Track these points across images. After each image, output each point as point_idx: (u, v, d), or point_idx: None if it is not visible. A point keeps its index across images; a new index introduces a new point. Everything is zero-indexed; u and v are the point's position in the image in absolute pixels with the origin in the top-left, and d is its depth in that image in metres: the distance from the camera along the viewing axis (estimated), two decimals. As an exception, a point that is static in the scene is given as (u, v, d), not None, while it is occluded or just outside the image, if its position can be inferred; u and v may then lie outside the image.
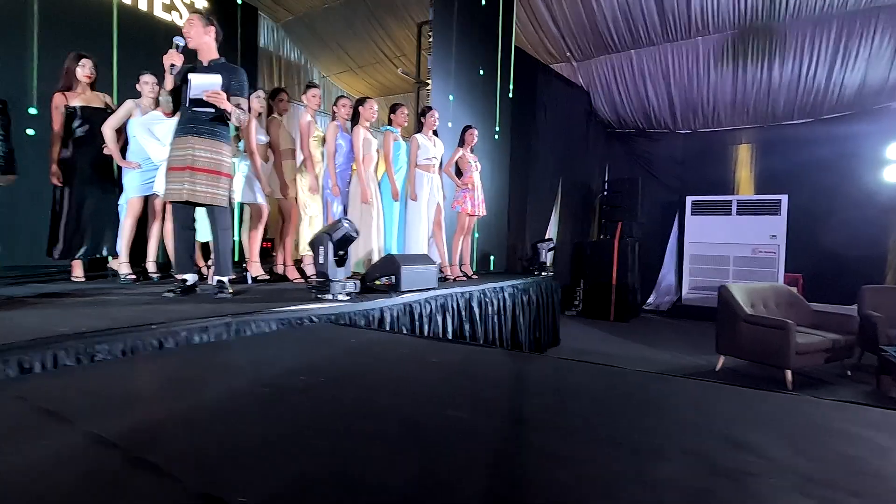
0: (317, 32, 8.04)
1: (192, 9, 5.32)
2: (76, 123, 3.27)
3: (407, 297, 3.11)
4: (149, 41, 4.92)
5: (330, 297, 2.64)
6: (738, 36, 6.58)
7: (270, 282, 3.58)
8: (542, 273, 5.44)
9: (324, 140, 3.87)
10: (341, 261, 2.71)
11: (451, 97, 4.91)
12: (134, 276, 3.37)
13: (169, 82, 2.61)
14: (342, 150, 3.89)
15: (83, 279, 3.30)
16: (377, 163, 4.03)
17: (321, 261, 2.64)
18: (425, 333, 3.21)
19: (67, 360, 1.54)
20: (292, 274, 3.75)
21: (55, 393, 1.31)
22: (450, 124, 4.83)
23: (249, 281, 3.48)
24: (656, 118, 8.28)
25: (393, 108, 4.22)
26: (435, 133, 4.39)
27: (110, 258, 3.61)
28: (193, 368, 1.60)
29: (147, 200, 3.50)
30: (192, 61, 2.72)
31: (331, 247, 2.63)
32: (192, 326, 1.92)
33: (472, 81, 5.22)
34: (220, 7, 5.64)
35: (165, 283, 3.31)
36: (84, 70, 3.28)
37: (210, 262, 3.35)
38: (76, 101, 3.26)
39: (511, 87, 5.79)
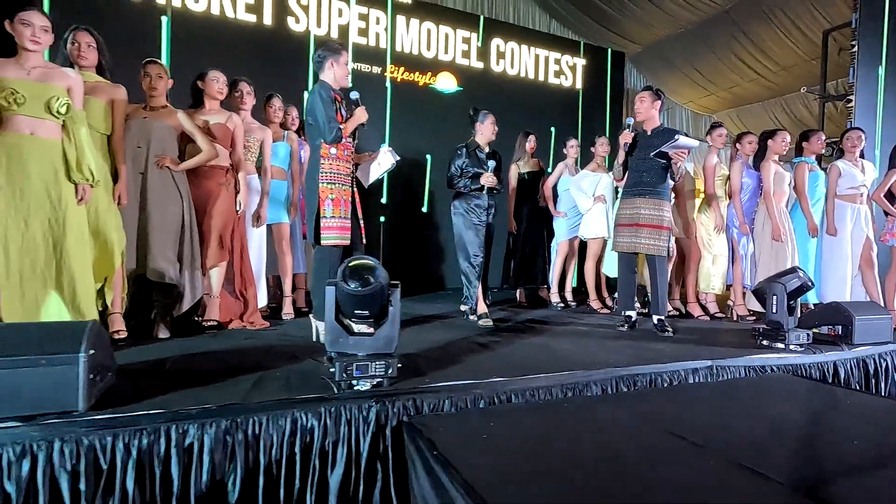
0: (666, 58, 8.08)
1: (640, 89, 6.20)
2: (524, 185, 4.29)
3: (860, 351, 2.84)
4: (548, 108, 6.01)
5: (782, 346, 2.67)
6: None
7: (678, 317, 3.83)
8: None
9: (727, 179, 3.91)
10: (792, 310, 2.70)
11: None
12: (563, 304, 4.18)
13: (621, 156, 3.17)
14: (748, 187, 3.85)
15: (526, 304, 4.28)
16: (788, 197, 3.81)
17: (773, 310, 2.70)
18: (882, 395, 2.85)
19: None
20: (696, 311, 3.91)
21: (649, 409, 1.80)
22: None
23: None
24: None
25: (805, 136, 3.92)
26: (861, 155, 3.83)
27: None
28: (737, 403, 1.91)
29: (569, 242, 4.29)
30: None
31: (785, 296, 2.66)
32: (689, 367, 2.30)
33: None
34: (593, 58, 6.38)
35: (582, 310, 3.99)
36: (530, 143, 4.28)
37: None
38: (525, 168, 4.29)
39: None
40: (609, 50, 6.63)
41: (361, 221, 2.61)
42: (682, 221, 4.03)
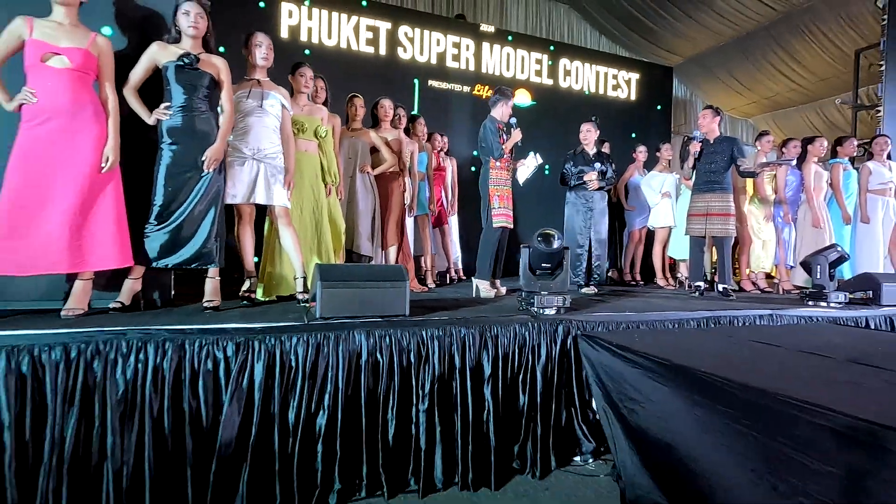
0: (707, 68, 8.85)
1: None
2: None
3: (886, 310, 3.64)
4: (608, 118, 6.87)
5: (825, 304, 3.50)
6: None
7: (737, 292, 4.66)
8: None
9: (773, 177, 4.72)
10: (832, 276, 3.53)
11: None
12: (634, 282, 5.05)
13: (691, 162, 4.03)
14: (791, 184, 4.67)
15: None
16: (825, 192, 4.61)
17: (818, 276, 3.53)
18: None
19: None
20: (748, 286, 4.74)
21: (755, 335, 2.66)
22: None
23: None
24: None
25: (839, 141, 4.72)
26: (889, 157, 4.61)
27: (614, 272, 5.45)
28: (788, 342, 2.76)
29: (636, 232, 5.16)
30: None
31: (826, 266, 3.49)
32: (757, 313, 3.15)
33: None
34: (645, 72, 7.22)
35: (650, 286, 4.84)
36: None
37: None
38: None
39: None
40: (660, 66, 7.45)
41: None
42: (735, 212, 4.86)
